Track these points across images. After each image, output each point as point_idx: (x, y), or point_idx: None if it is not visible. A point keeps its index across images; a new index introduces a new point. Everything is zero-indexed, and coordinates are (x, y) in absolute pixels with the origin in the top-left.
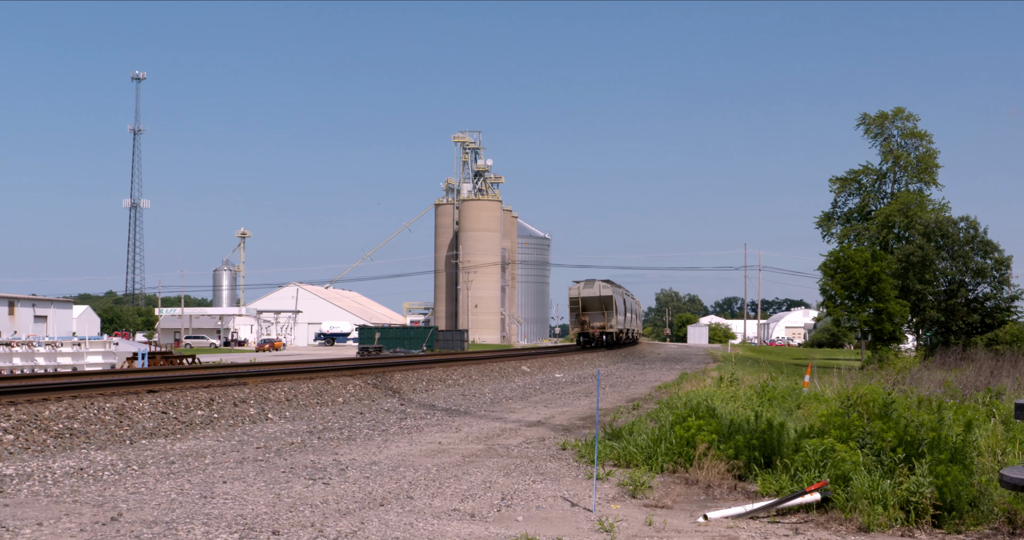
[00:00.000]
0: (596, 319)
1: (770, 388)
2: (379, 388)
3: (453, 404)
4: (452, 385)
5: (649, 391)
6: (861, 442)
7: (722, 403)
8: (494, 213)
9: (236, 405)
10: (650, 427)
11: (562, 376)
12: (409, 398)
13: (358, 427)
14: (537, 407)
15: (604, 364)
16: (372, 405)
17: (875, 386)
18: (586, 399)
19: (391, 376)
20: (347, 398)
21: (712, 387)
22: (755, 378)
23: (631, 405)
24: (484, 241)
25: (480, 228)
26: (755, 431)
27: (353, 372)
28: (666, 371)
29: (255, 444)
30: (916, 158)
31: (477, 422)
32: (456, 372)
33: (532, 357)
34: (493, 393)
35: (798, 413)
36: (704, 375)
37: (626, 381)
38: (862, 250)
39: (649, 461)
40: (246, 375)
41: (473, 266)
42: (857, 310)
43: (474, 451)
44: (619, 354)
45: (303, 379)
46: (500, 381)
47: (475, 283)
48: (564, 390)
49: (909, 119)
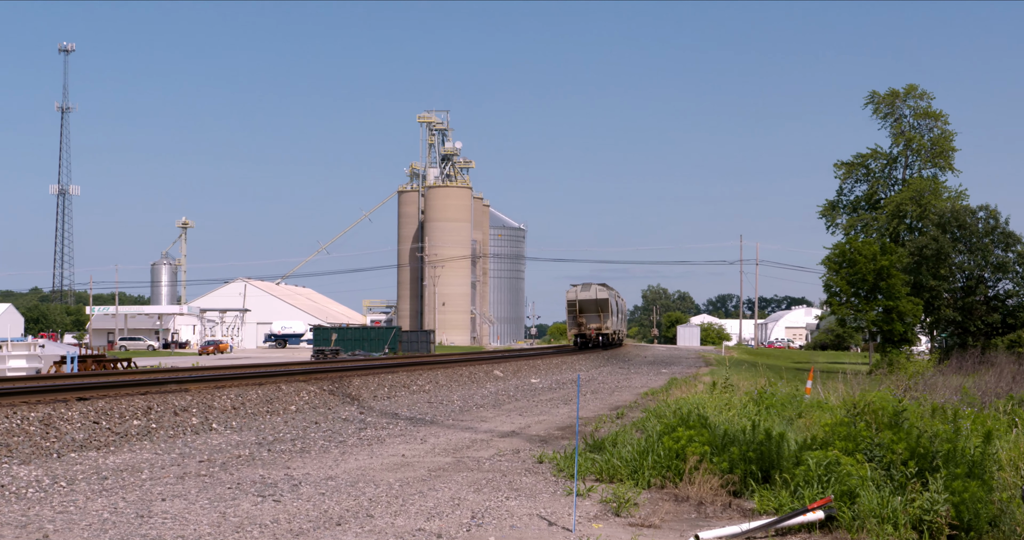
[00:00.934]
0: (592, 321)
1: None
2: (336, 395)
3: (418, 412)
4: (417, 391)
5: (635, 398)
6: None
7: (715, 411)
8: (463, 201)
9: (177, 414)
10: (636, 438)
11: (539, 381)
12: (369, 406)
13: (313, 438)
14: (511, 416)
15: (585, 368)
16: (328, 414)
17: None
18: (565, 407)
19: (349, 381)
20: (300, 406)
21: (704, 394)
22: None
23: (615, 413)
24: (452, 232)
25: (448, 218)
26: (752, 442)
27: (307, 377)
28: (653, 376)
29: (198, 457)
30: (930, 141)
31: (445, 432)
32: (421, 377)
33: (506, 360)
34: (462, 400)
35: (799, 423)
36: (695, 380)
37: (609, 387)
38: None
39: (635, 475)
40: (188, 381)
41: (440, 260)
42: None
43: (441, 464)
44: (602, 357)
45: (251, 385)
46: (470, 387)
47: (443, 278)
48: (541, 397)
49: (923, 97)
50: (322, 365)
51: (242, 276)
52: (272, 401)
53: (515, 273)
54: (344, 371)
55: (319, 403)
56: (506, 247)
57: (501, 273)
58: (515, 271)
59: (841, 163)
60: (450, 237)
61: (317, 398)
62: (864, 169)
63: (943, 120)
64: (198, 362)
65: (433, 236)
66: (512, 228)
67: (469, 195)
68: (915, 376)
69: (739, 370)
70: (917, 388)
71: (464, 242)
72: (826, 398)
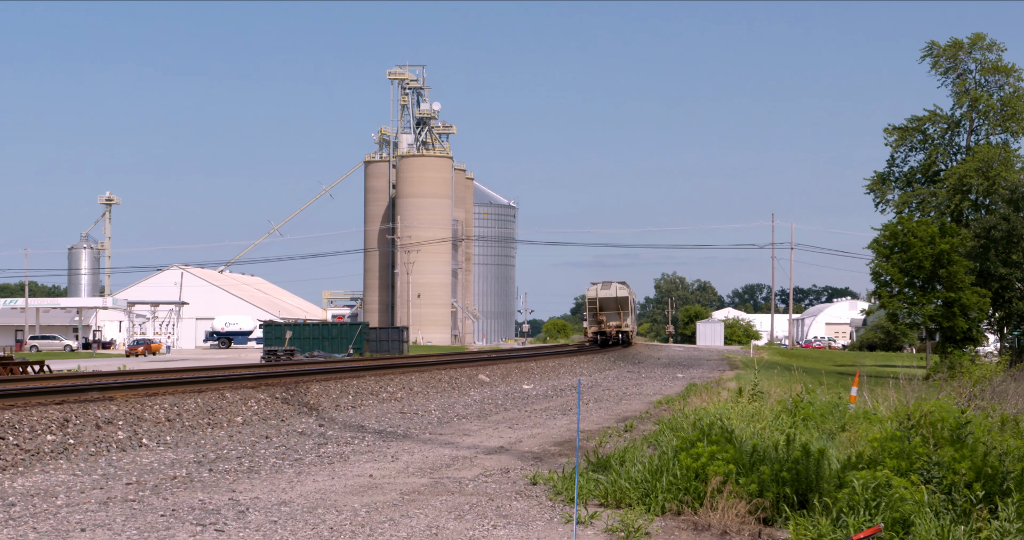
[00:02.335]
0: (612, 319)
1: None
2: (291, 404)
3: (389, 425)
4: (388, 400)
5: (646, 407)
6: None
7: (742, 423)
8: (443, 173)
9: (100, 427)
10: (647, 455)
11: (532, 388)
12: (331, 417)
13: (263, 455)
14: (499, 428)
15: (588, 371)
16: (282, 426)
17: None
18: (563, 418)
19: (307, 388)
20: (248, 417)
21: (729, 402)
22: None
23: (623, 426)
24: (430, 210)
25: (424, 193)
26: (786, 460)
27: (256, 383)
28: (668, 381)
29: (125, 479)
30: (1000, 100)
31: (420, 448)
32: (393, 383)
33: (493, 363)
34: (441, 410)
35: (842, 437)
36: (718, 386)
37: (616, 394)
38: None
39: (646, 499)
40: (113, 387)
41: (415, 243)
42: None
43: (416, 487)
44: (608, 358)
45: (190, 392)
46: (451, 394)
47: (418, 265)
48: (534, 406)
49: (991, 49)
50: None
51: (178, 262)
52: (214, 412)
53: (504, 259)
54: (301, 375)
55: (271, 414)
56: (493, 228)
57: (487, 259)
58: (504, 257)
59: (893, 128)
60: (427, 216)
61: (268, 408)
62: (920, 135)
63: (1016, 76)
64: (125, 365)
65: (406, 215)
66: (500, 205)
67: (449, 166)
68: (981, 382)
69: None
70: (984, 396)
71: (443, 222)
72: (874, 408)
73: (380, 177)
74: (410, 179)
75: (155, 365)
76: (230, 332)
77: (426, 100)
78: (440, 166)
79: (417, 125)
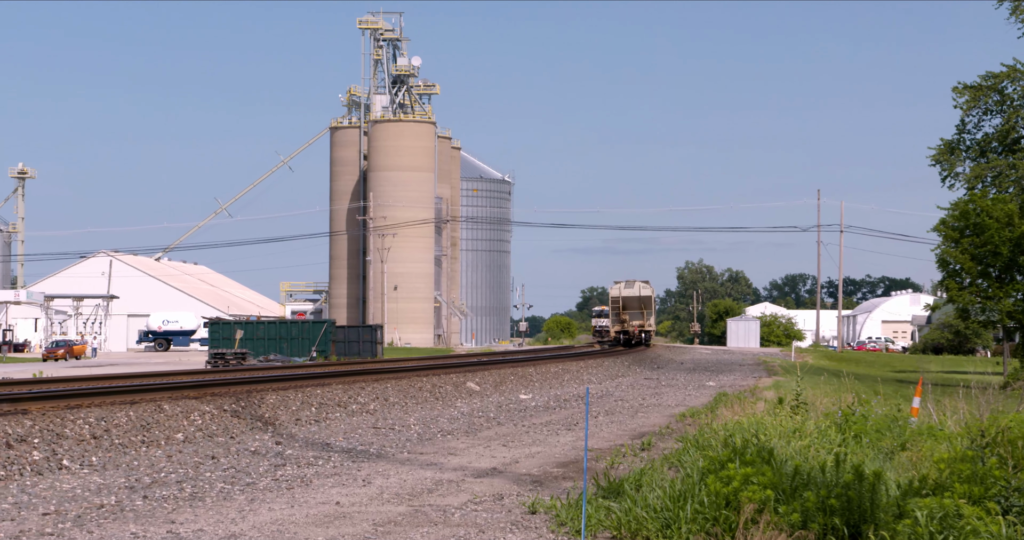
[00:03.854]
0: (636, 318)
1: (858, 417)
2: (242, 417)
3: (360, 442)
4: (358, 412)
5: (667, 421)
6: (1004, 504)
7: (782, 441)
8: (424, 141)
9: (11, 446)
10: (669, 478)
11: (530, 398)
12: (290, 433)
13: (208, 479)
14: (492, 446)
15: (597, 378)
16: (231, 444)
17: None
18: (568, 434)
19: (262, 398)
20: (191, 434)
21: (766, 415)
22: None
23: (639, 444)
24: (409, 185)
25: (402, 165)
26: (834, 485)
27: (201, 392)
28: (693, 390)
29: (42, 508)
30: None
31: (397, 470)
32: (364, 392)
33: (484, 368)
34: (423, 425)
35: (902, 457)
36: (754, 396)
37: (631, 405)
38: (1004, 200)
39: (667, 531)
40: (27, 398)
41: (391, 225)
42: (996, 295)
43: (392, 516)
44: (622, 363)
45: (120, 404)
46: (434, 406)
47: (395, 252)
48: (533, 420)
49: None
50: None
51: (106, 248)
52: (150, 427)
53: (497, 244)
54: (254, 383)
55: (218, 429)
56: (484, 207)
57: (478, 244)
58: (497, 242)
59: (964, 87)
60: (405, 193)
61: (215, 422)
62: (997, 95)
63: None
64: (42, 371)
65: (380, 191)
66: (493, 180)
67: (432, 133)
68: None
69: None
70: None
71: (425, 200)
72: (941, 423)
73: (349, 146)
74: (385, 148)
75: (78, 371)
76: (169, 332)
77: (404, 54)
78: (420, 133)
79: (393, 84)
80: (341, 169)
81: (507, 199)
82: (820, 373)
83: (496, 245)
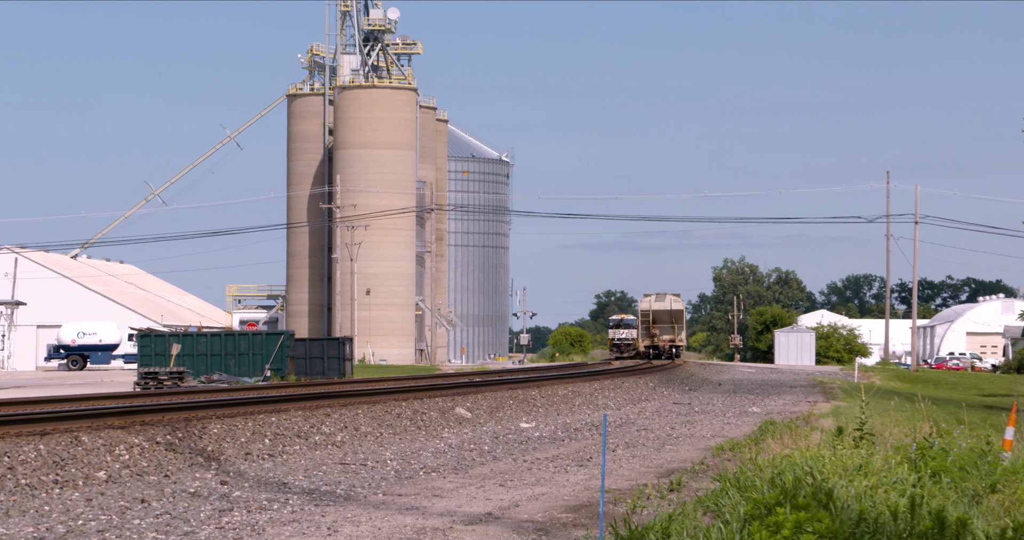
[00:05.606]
0: (666, 332)
1: (937, 451)
2: (179, 452)
3: (324, 481)
4: (322, 445)
5: (701, 455)
6: None
7: (843, 479)
8: (403, 111)
9: None
10: (703, 525)
11: (533, 427)
12: (238, 470)
13: (137, 527)
14: (486, 487)
15: (616, 403)
16: (165, 484)
17: None
18: (580, 471)
19: (204, 428)
20: (116, 472)
21: (823, 448)
22: (907, 431)
23: (666, 483)
24: (384, 166)
25: (376, 141)
26: (909, 534)
27: (128, 420)
28: (733, 417)
29: None
30: None
31: (370, 517)
32: (330, 420)
33: (477, 390)
34: (401, 460)
35: (992, 500)
36: (808, 425)
37: (658, 436)
38: None
39: None
40: None
41: (363, 215)
42: None
43: None
44: (646, 384)
45: (27, 435)
46: (415, 437)
47: (368, 248)
48: (537, 454)
49: None
50: (155, 400)
51: (10, 244)
52: (65, 464)
53: (493, 238)
54: (194, 409)
55: (149, 466)
56: (477, 193)
57: (469, 238)
58: (493, 235)
59: None
60: (380, 175)
61: (146, 458)
62: None
63: None
64: None
65: (350, 173)
66: (488, 161)
67: (412, 102)
68: None
69: (885, 407)
70: None
71: (404, 184)
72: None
73: (310, 118)
74: (354, 120)
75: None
76: (87, 345)
77: (378, 5)
78: (398, 101)
79: (365, 42)
80: (301, 146)
81: (505, 183)
82: (890, 397)
83: (492, 240)
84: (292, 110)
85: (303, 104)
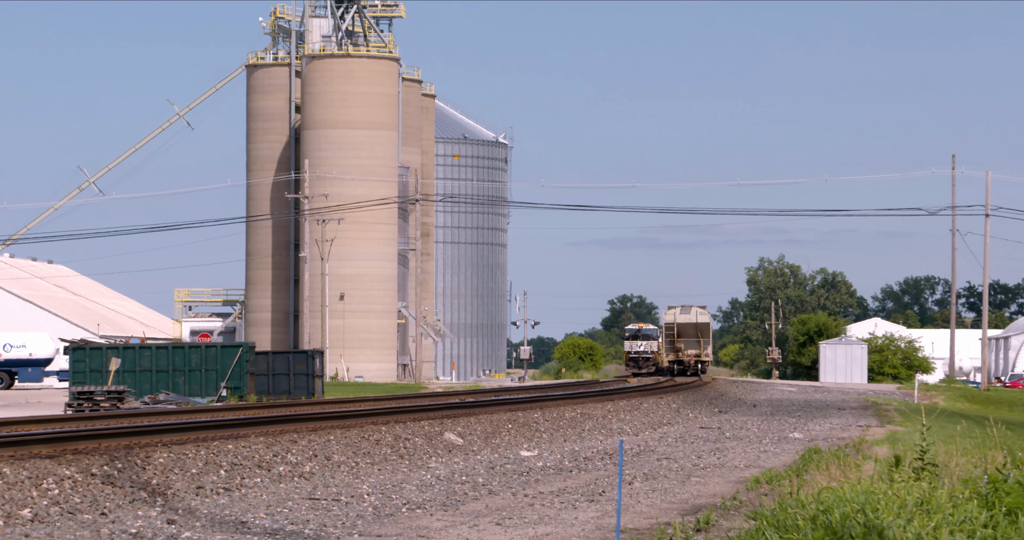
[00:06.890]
0: (691, 347)
1: (1012, 485)
2: (119, 485)
3: (290, 519)
4: (288, 476)
5: (732, 489)
6: None
7: (900, 518)
8: (383, 85)
9: None
10: None
11: (535, 455)
12: (189, 507)
13: None
14: (480, 525)
15: (633, 428)
16: (102, 524)
17: None
18: (590, 508)
19: (148, 457)
20: (43, 509)
21: (877, 481)
22: (976, 461)
23: (692, 521)
24: (361, 149)
25: (352, 120)
26: None
27: (58, 449)
28: (771, 443)
29: None
30: None
31: None
32: (297, 447)
33: (470, 412)
34: (381, 494)
35: None
36: (859, 453)
37: (682, 466)
38: None
39: None
40: None
41: (337, 206)
42: None
43: None
44: (670, 405)
45: None
46: (397, 467)
47: (341, 245)
48: (540, 487)
49: None
50: (90, 424)
51: None
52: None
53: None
54: (137, 435)
55: (83, 503)
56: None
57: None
58: (489, 230)
59: None
60: (356, 160)
61: (79, 492)
62: None
63: None
64: None
65: (321, 158)
66: (482, 143)
67: (394, 73)
68: None
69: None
70: None
71: (384, 170)
72: None
73: (274, 93)
74: (326, 95)
75: None
76: (14, 360)
77: None
78: (378, 73)
79: (338, 3)
80: (263, 126)
81: (502, 169)
82: (956, 420)
83: (487, 235)
84: (252, 83)
85: (265, 76)
